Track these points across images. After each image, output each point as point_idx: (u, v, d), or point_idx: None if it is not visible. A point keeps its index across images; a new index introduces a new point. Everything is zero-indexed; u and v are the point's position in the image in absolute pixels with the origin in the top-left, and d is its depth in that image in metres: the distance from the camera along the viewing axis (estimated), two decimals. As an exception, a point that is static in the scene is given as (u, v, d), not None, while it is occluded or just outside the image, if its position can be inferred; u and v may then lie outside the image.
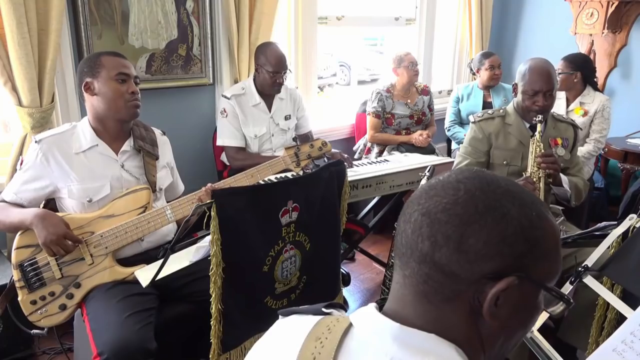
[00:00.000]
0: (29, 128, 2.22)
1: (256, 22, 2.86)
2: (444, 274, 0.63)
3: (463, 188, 0.65)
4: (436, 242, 0.63)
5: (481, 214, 0.62)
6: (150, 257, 1.76)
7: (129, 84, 1.73)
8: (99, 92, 1.72)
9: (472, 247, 0.62)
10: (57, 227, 1.60)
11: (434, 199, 0.65)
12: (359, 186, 2.29)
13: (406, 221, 0.67)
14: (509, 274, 0.62)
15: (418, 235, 0.64)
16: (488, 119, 2.27)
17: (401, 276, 0.68)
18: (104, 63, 1.72)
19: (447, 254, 0.62)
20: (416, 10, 4.11)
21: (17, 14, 2.04)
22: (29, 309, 1.65)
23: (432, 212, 0.64)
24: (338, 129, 3.66)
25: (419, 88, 3.46)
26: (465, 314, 0.64)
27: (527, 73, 2.13)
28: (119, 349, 1.45)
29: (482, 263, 0.62)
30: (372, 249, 3.19)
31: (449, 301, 0.64)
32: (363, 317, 0.69)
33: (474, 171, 0.69)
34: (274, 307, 1.68)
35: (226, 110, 2.65)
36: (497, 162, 2.25)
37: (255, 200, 1.54)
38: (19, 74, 2.12)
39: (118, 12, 2.47)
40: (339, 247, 1.93)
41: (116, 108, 1.73)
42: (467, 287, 0.63)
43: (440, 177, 0.69)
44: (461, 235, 0.62)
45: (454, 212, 0.63)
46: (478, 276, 0.62)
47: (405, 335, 0.64)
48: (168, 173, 1.96)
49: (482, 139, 2.26)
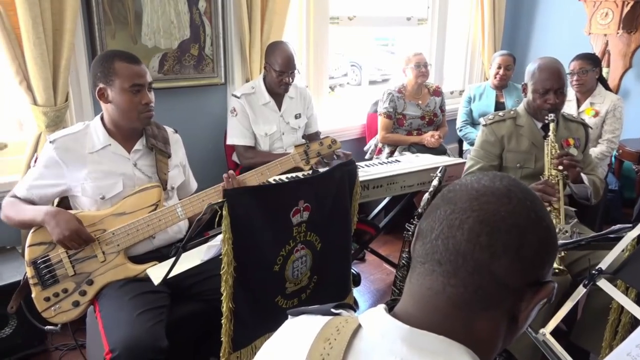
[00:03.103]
0: (43, 127, 2.24)
1: (268, 22, 2.87)
2: (497, 284, 0.62)
3: (515, 197, 0.65)
4: (495, 252, 0.62)
5: (534, 224, 0.63)
6: (162, 254, 1.78)
7: (142, 94, 1.72)
8: (112, 101, 1.72)
9: (526, 257, 0.62)
10: (69, 222, 1.62)
11: (488, 206, 0.64)
12: (370, 186, 2.28)
13: (452, 226, 0.64)
14: (545, 281, 0.64)
15: (475, 244, 0.62)
16: (499, 122, 2.24)
17: (438, 283, 0.65)
18: (118, 70, 1.69)
19: (505, 265, 0.62)
20: (428, 10, 4.10)
21: (33, 14, 2.06)
22: (43, 306, 1.66)
23: (490, 220, 0.63)
24: (349, 129, 3.66)
25: (430, 89, 3.45)
26: (499, 320, 0.64)
27: (536, 72, 2.11)
28: (131, 346, 1.46)
29: (531, 273, 0.63)
30: (382, 249, 3.18)
31: (488, 309, 0.64)
32: (372, 319, 0.69)
33: (508, 176, 0.69)
34: (284, 307, 1.68)
35: (236, 109, 2.66)
36: (510, 165, 2.21)
37: (267, 199, 1.55)
38: (34, 74, 2.15)
39: (131, 12, 2.49)
40: (349, 247, 1.93)
41: (129, 118, 1.74)
42: (510, 296, 0.63)
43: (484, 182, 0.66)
44: (519, 246, 0.62)
45: (512, 222, 0.63)
46: (524, 284, 0.63)
47: (415, 337, 0.63)
48: (180, 171, 1.97)
49: (494, 142, 2.23)
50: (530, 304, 0.64)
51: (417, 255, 0.68)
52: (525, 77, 2.20)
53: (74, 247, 1.63)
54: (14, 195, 1.77)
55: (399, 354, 0.62)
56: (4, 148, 2.40)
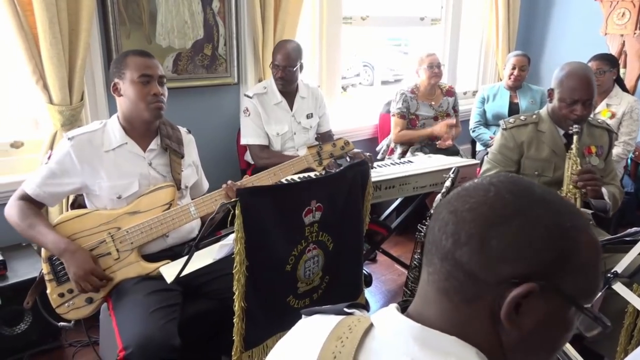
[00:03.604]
0: (59, 125, 2.27)
1: (281, 22, 2.88)
2: (464, 272, 0.62)
3: (494, 190, 0.64)
4: (459, 240, 0.63)
5: (507, 217, 0.62)
6: (175, 253, 1.79)
7: (151, 85, 1.73)
8: (124, 94, 1.75)
9: (494, 249, 0.61)
10: (85, 263, 1.62)
11: (463, 198, 0.66)
12: (382, 187, 2.28)
13: (435, 219, 0.68)
14: (533, 281, 0.60)
15: (443, 233, 0.65)
16: (520, 126, 2.15)
17: (426, 273, 0.68)
18: (129, 63, 1.74)
19: (468, 253, 0.62)
20: (442, 10, 4.08)
21: (49, 14, 2.09)
22: (57, 302, 1.68)
23: (458, 211, 0.64)
24: (361, 129, 3.65)
25: (443, 89, 3.43)
26: (485, 318, 0.63)
27: (564, 79, 2.00)
28: (144, 344, 1.47)
29: (503, 266, 0.61)
30: (394, 250, 3.17)
31: (469, 303, 0.63)
32: (384, 318, 0.69)
33: (510, 176, 0.68)
34: (296, 307, 1.68)
35: (249, 109, 2.67)
36: (527, 172, 2.14)
37: (280, 199, 1.55)
38: (50, 73, 2.17)
39: (146, 12, 2.51)
40: (361, 247, 1.92)
41: (138, 109, 1.75)
42: (487, 289, 0.62)
43: (476, 180, 0.69)
44: (484, 236, 0.61)
45: (479, 212, 0.63)
46: (498, 279, 0.61)
47: (426, 336, 0.63)
48: (193, 171, 1.98)
49: (513, 147, 2.15)
50: (509, 300, 0.60)
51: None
52: (552, 82, 2.08)
53: (88, 289, 1.63)
54: (24, 192, 1.73)
55: (410, 353, 0.62)
56: (20, 146, 2.44)
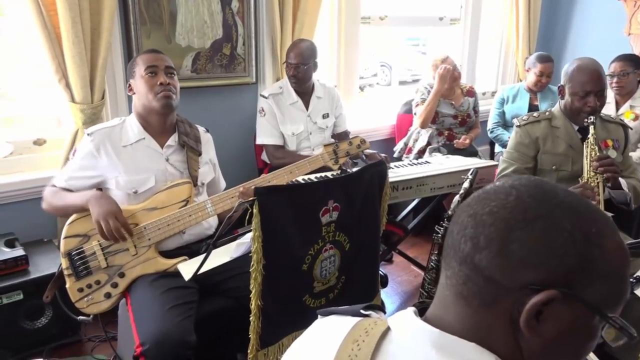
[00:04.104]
0: (80, 123, 2.30)
1: (299, 22, 2.88)
2: (483, 277, 0.61)
3: (515, 193, 0.63)
4: (478, 244, 0.62)
5: (529, 221, 0.60)
6: (192, 250, 1.81)
7: (158, 76, 1.79)
8: (136, 90, 1.82)
9: (514, 253, 0.60)
10: (111, 205, 1.68)
11: (483, 201, 0.64)
12: (399, 187, 2.27)
13: (454, 222, 0.67)
14: (555, 288, 0.59)
15: (462, 236, 0.64)
16: (534, 122, 2.18)
17: (444, 277, 0.67)
18: (138, 62, 1.82)
19: (487, 257, 0.61)
20: (461, 10, 4.04)
21: (72, 14, 2.12)
22: (76, 296, 1.71)
23: (478, 214, 0.63)
24: (378, 129, 3.64)
25: (464, 89, 3.39)
26: (505, 324, 0.62)
27: (575, 73, 2.05)
28: (161, 340, 1.49)
29: (523, 271, 0.59)
30: (410, 251, 3.15)
31: (488, 307, 0.62)
32: (401, 321, 0.68)
33: (532, 179, 0.66)
34: (312, 306, 1.68)
35: (264, 109, 2.68)
36: (545, 167, 2.16)
37: (297, 198, 1.55)
38: (73, 72, 2.21)
39: (166, 12, 2.53)
40: (378, 248, 1.91)
41: (148, 101, 1.79)
42: (506, 295, 0.60)
43: (497, 183, 0.67)
44: (504, 240, 0.60)
45: (500, 216, 0.61)
46: (518, 285, 0.60)
47: (445, 341, 0.62)
48: (210, 169, 2.00)
49: (528, 143, 2.17)
50: (530, 307, 0.59)
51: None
52: (562, 78, 2.12)
53: (108, 229, 1.64)
54: (53, 185, 1.84)
55: (428, 358, 0.61)
56: (43, 144, 2.48)
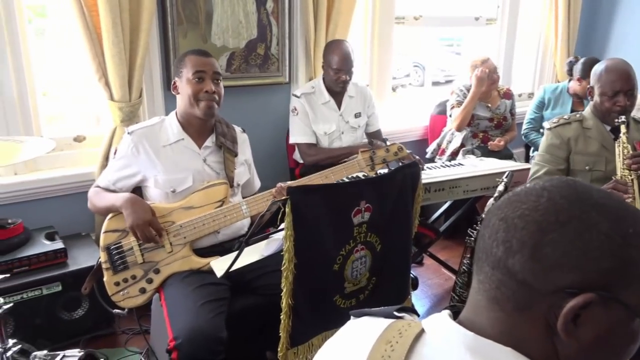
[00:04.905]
0: (118, 121, 2.36)
1: (333, 22, 2.88)
2: (516, 281, 0.60)
3: (546, 195, 0.61)
4: (510, 248, 0.60)
5: (562, 223, 0.59)
6: (225, 249, 1.83)
7: (205, 82, 1.79)
8: (181, 92, 1.84)
9: (548, 257, 0.58)
10: (144, 213, 1.71)
11: (514, 204, 0.63)
12: (431, 189, 2.24)
13: (485, 226, 0.66)
14: (591, 290, 0.57)
15: (493, 240, 0.62)
16: (565, 124, 2.16)
17: (476, 281, 0.66)
18: (186, 62, 1.82)
19: (520, 261, 0.59)
20: (498, 10, 3.97)
21: (113, 15, 2.18)
22: (113, 290, 1.75)
23: (509, 217, 0.62)
24: (411, 130, 3.61)
25: (500, 91, 3.32)
26: (540, 328, 0.60)
27: (603, 73, 2.03)
28: (193, 336, 1.51)
29: (558, 274, 0.58)
30: (441, 254, 3.11)
31: (522, 311, 0.61)
32: (436, 324, 0.67)
33: (564, 180, 0.65)
34: (342, 307, 1.68)
35: (297, 108, 2.69)
36: (578, 168, 2.13)
37: (329, 198, 1.55)
38: (112, 71, 2.27)
39: (202, 12, 2.57)
40: (410, 250, 1.90)
41: (191, 105, 1.81)
42: (541, 299, 0.59)
43: (528, 185, 0.66)
44: (537, 243, 0.59)
45: (532, 219, 0.60)
46: (553, 288, 0.58)
47: (479, 345, 0.61)
48: (246, 169, 2.02)
49: (560, 144, 2.15)
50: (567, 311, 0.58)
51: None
52: (591, 79, 2.11)
53: (143, 237, 1.71)
54: (97, 185, 1.90)
55: None
56: (83, 140, 2.56)
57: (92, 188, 1.90)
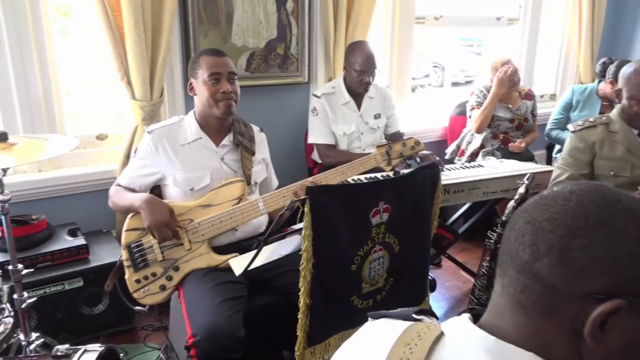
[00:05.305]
0: (139, 120, 2.40)
1: (353, 22, 2.88)
2: (542, 285, 0.59)
3: (575, 199, 0.61)
4: (537, 251, 0.60)
5: (591, 228, 0.58)
6: (243, 247, 1.84)
7: (221, 83, 1.81)
8: (197, 92, 1.86)
9: (576, 261, 0.57)
10: (162, 213, 1.72)
11: (541, 207, 0.62)
12: (450, 190, 2.22)
13: (510, 229, 0.65)
14: (620, 296, 0.56)
15: (520, 243, 0.62)
16: (590, 127, 2.12)
17: (500, 285, 0.65)
18: (201, 63, 1.83)
19: (548, 265, 0.59)
20: (520, 10, 3.92)
21: (135, 15, 2.21)
22: (134, 287, 1.78)
23: (536, 220, 0.61)
24: (430, 130, 3.58)
25: (522, 92, 3.27)
26: (565, 333, 0.59)
27: (632, 76, 1.98)
28: (211, 333, 1.52)
29: (587, 279, 0.57)
30: (460, 256, 3.08)
31: (547, 316, 0.60)
32: (455, 327, 0.67)
33: (593, 184, 0.64)
34: (360, 307, 1.68)
35: (317, 108, 2.69)
36: (602, 173, 2.09)
37: (348, 198, 1.55)
38: (134, 70, 2.30)
39: (223, 12, 2.59)
40: (428, 251, 1.89)
41: (209, 106, 1.83)
42: (568, 304, 0.58)
43: (555, 188, 0.65)
44: (565, 247, 0.58)
45: (560, 222, 0.59)
46: (581, 293, 0.57)
47: (500, 349, 0.61)
48: (263, 168, 2.03)
49: (583, 148, 2.11)
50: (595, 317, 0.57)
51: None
52: (619, 81, 2.07)
53: (160, 236, 1.72)
54: (118, 184, 1.93)
55: None
56: (105, 139, 2.60)
57: (113, 186, 1.94)
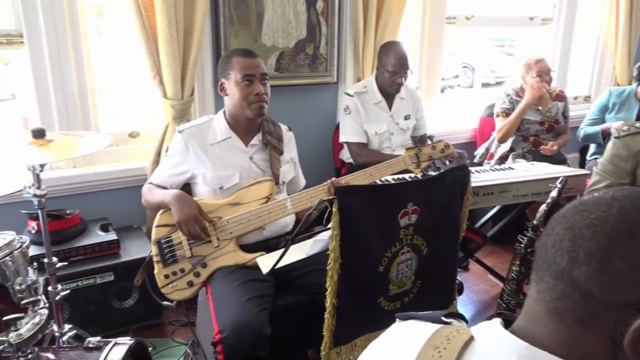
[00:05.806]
0: (170, 118, 2.44)
1: (383, 22, 2.86)
2: (580, 293, 0.58)
3: (618, 205, 0.59)
4: (577, 258, 0.58)
5: (634, 236, 0.56)
6: (270, 245, 1.85)
7: (254, 85, 1.82)
8: (229, 93, 1.87)
9: (617, 270, 0.56)
10: (191, 209, 1.75)
11: (581, 213, 0.60)
12: (479, 193, 2.19)
13: (548, 234, 0.63)
14: None
15: (558, 249, 0.60)
16: (636, 134, 1.99)
17: (535, 291, 0.64)
18: (234, 64, 1.84)
19: (587, 272, 0.57)
20: (554, 9, 3.83)
21: (168, 15, 2.25)
22: (162, 282, 1.81)
23: (576, 227, 0.59)
24: (459, 132, 3.54)
25: (552, 93, 3.20)
26: (603, 343, 0.58)
27: None
28: (238, 330, 1.53)
29: (627, 289, 0.56)
30: (488, 259, 3.03)
31: (584, 324, 0.58)
32: (486, 331, 0.66)
33: (636, 190, 0.62)
34: (387, 309, 1.67)
35: (349, 107, 2.69)
36: None
37: (376, 199, 1.54)
38: (166, 69, 2.34)
39: (254, 12, 2.61)
40: (457, 254, 1.86)
41: (242, 108, 1.85)
42: (607, 313, 0.57)
43: (595, 194, 0.63)
44: (606, 255, 0.56)
45: (601, 229, 0.57)
46: (621, 303, 0.56)
47: (533, 356, 0.59)
48: (291, 167, 2.04)
49: (626, 156, 1.99)
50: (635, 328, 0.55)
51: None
52: None
53: (188, 231, 1.74)
54: (150, 182, 1.98)
55: None
56: (137, 136, 2.65)
57: (146, 185, 1.98)
